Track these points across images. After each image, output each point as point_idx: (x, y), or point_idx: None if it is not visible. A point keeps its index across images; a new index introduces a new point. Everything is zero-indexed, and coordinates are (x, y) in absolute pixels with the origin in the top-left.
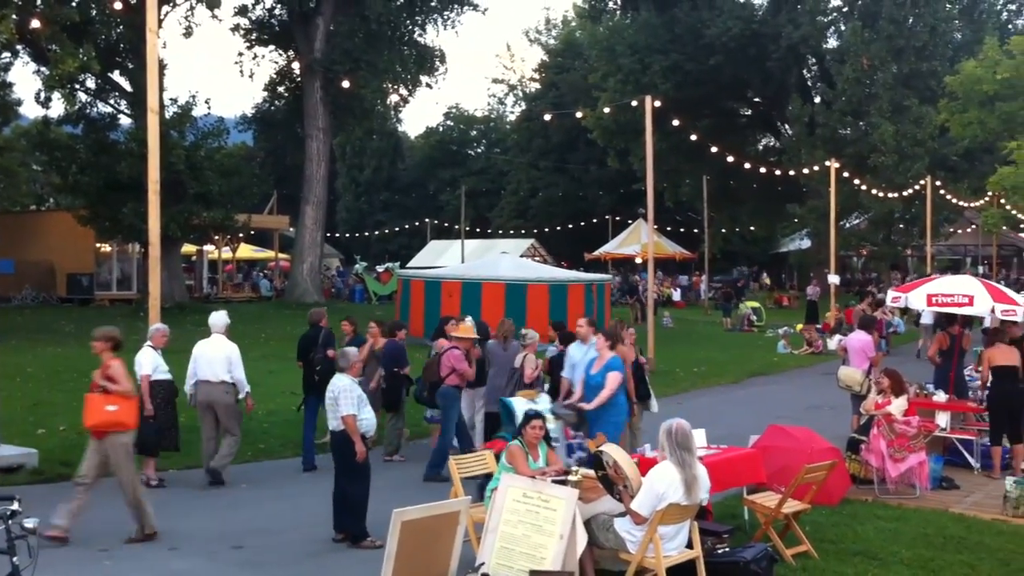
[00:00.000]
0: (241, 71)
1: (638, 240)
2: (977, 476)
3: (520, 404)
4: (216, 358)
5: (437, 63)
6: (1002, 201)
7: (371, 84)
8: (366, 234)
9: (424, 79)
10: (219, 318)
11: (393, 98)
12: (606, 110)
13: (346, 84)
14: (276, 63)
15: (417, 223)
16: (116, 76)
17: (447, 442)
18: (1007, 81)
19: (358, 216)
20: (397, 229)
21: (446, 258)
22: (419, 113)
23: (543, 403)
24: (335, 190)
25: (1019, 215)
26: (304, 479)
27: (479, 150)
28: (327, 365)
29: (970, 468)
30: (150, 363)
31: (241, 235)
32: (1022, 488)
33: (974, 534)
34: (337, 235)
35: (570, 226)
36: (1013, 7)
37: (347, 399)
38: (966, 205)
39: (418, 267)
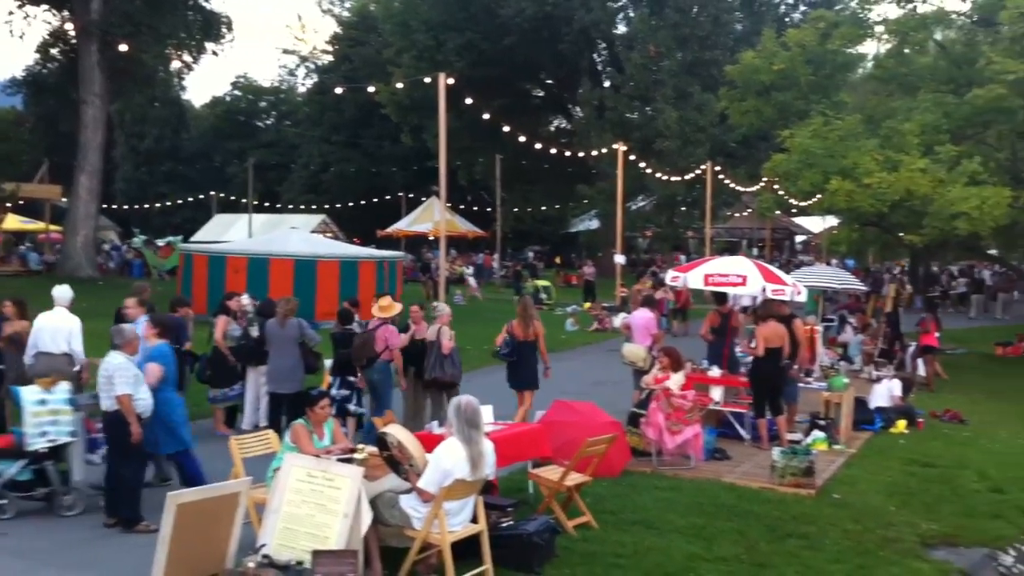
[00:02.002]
0: (11, 31)
1: (431, 218)
2: (747, 447)
3: (30, 393)
4: (59, 330)
5: (224, 30)
6: (776, 186)
7: (152, 49)
8: (147, 206)
9: (210, 46)
10: (63, 292)
11: (176, 64)
12: (399, 86)
13: (124, 48)
14: (49, 24)
15: (202, 196)
16: None
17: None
18: (782, 72)
19: (138, 187)
20: (180, 202)
21: (233, 233)
22: (205, 81)
23: (60, 392)
24: (113, 159)
25: (791, 200)
26: None
27: (269, 122)
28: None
29: (741, 440)
30: None
31: (8, 205)
32: (788, 458)
33: (744, 502)
34: (115, 207)
35: (363, 202)
36: (790, 1)
37: (123, 378)
38: (743, 190)
39: (202, 241)
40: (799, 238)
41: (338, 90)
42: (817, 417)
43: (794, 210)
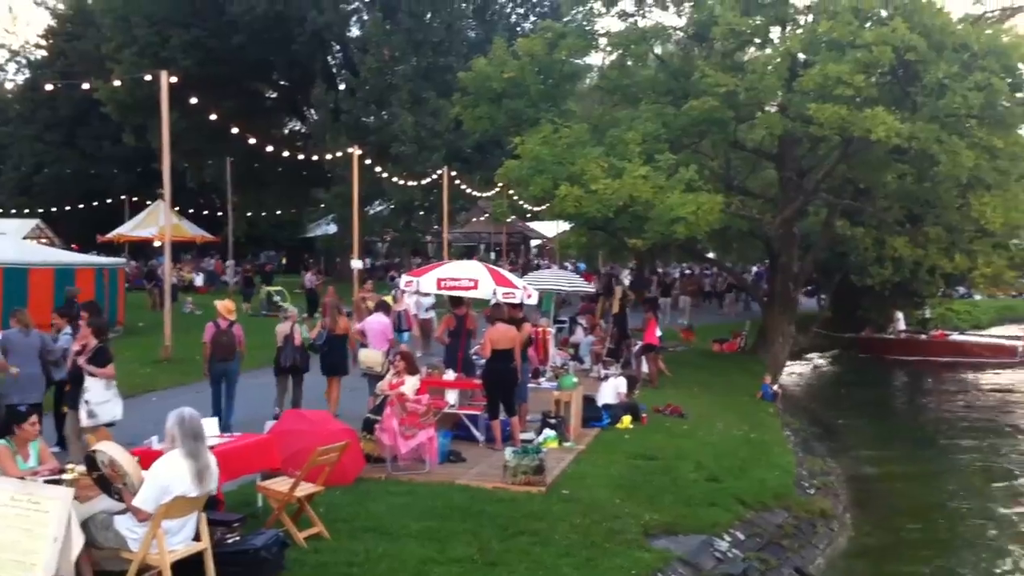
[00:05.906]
0: None
1: (156, 222)
2: (482, 448)
3: None
4: None
5: None
6: (510, 192)
7: None
8: None
9: None
10: None
11: None
12: (119, 83)
13: None
14: None
15: None
16: None
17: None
18: (513, 80)
19: None
20: None
21: None
22: None
23: None
24: None
25: (525, 205)
26: None
27: None
28: None
29: (476, 441)
30: None
31: None
32: (519, 457)
33: (477, 503)
34: None
35: (81, 206)
36: (521, 11)
37: None
38: (479, 195)
39: None
40: (534, 242)
41: (49, 87)
42: (548, 416)
43: (528, 215)
